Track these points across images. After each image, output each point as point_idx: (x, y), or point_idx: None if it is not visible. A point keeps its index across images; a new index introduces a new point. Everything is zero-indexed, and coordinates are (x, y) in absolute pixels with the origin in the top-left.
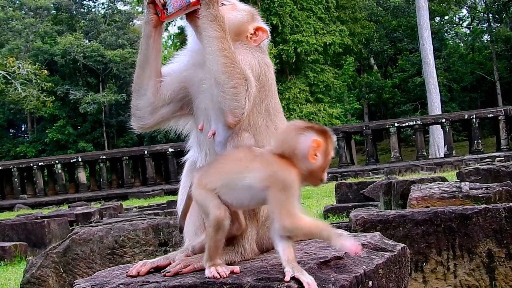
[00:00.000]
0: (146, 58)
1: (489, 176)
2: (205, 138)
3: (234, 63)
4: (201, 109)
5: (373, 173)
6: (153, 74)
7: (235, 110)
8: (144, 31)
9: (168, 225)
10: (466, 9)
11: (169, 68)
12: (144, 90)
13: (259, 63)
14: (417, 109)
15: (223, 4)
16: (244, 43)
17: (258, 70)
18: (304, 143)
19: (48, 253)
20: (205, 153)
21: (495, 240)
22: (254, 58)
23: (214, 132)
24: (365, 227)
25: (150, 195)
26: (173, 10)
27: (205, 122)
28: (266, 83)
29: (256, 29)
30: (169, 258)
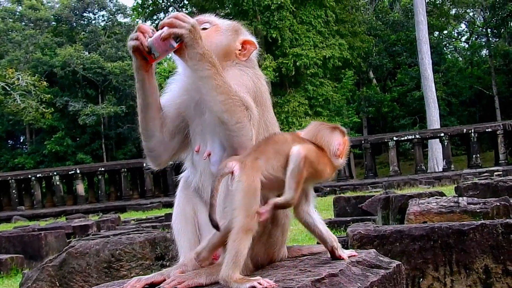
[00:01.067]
0: (146, 102)
1: (487, 191)
2: (200, 159)
3: (232, 97)
4: (198, 131)
5: (371, 187)
6: (156, 114)
7: (244, 144)
8: (137, 77)
9: (165, 239)
10: (465, 23)
11: (164, 99)
12: (152, 132)
13: (253, 80)
14: (416, 123)
15: (205, 28)
16: (235, 62)
17: (254, 88)
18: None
19: (44, 266)
20: (200, 172)
21: (492, 256)
22: (247, 77)
23: (210, 153)
24: (362, 242)
25: (148, 207)
26: (159, 55)
27: (202, 144)
28: (262, 99)
29: (243, 43)
30: (163, 274)
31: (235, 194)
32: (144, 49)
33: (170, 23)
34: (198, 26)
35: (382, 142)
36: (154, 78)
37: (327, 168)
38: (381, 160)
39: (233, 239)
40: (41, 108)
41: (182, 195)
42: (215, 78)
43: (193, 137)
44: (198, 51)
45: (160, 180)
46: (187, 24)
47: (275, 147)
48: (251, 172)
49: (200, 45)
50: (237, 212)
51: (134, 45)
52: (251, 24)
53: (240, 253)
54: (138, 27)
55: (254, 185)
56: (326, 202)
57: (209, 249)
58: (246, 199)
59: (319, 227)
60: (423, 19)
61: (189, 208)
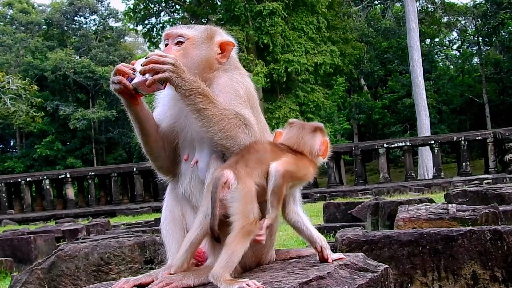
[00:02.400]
0: (144, 130)
1: (477, 198)
2: (188, 167)
3: (230, 121)
4: (188, 140)
5: (361, 194)
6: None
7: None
8: (129, 112)
9: (154, 242)
10: (457, 32)
11: (157, 113)
12: (157, 153)
13: (243, 83)
14: (407, 130)
15: (180, 42)
16: (221, 70)
17: (245, 91)
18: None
19: (33, 269)
20: (189, 179)
21: (480, 262)
22: (237, 83)
23: (197, 161)
24: (351, 247)
25: (138, 212)
26: (147, 93)
27: (190, 153)
28: (253, 100)
29: (221, 45)
30: (152, 275)
31: (234, 201)
32: (130, 91)
33: (151, 69)
34: (178, 61)
35: (372, 149)
36: (145, 106)
37: (309, 170)
38: (372, 167)
39: (231, 241)
40: (32, 112)
41: (170, 198)
42: (208, 108)
43: (182, 146)
44: (186, 87)
45: (150, 185)
46: (168, 66)
47: (257, 156)
48: (246, 179)
49: (185, 80)
50: (237, 217)
51: (117, 89)
52: (243, 29)
53: (235, 255)
54: (116, 69)
55: (252, 191)
56: (316, 208)
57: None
58: (246, 205)
59: (307, 227)
60: (415, 26)
61: (178, 210)
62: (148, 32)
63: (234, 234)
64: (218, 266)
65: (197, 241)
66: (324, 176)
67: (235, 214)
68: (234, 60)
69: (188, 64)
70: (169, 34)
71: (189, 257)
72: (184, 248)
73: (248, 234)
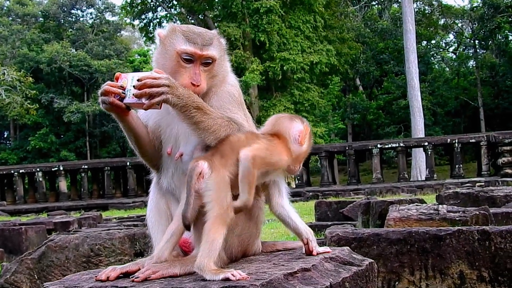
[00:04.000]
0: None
1: (468, 200)
2: (172, 160)
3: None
4: (173, 135)
5: (354, 193)
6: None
7: None
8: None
9: (145, 235)
10: (453, 34)
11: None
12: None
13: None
14: (401, 131)
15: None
16: None
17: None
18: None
19: (23, 259)
20: (172, 173)
21: (467, 262)
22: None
23: (182, 154)
24: (340, 244)
25: (131, 206)
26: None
27: (174, 147)
28: (240, 98)
29: None
30: (138, 264)
31: (208, 189)
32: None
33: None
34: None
35: (366, 149)
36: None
37: (281, 157)
38: (365, 167)
39: (209, 229)
40: (26, 104)
41: (156, 190)
42: (203, 120)
43: (164, 140)
44: (181, 104)
45: (143, 179)
46: (164, 88)
47: (230, 145)
48: (219, 168)
49: (181, 97)
50: (212, 205)
51: (108, 108)
52: (240, 27)
53: (215, 243)
54: (104, 90)
55: (225, 180)
56: (308, 206)
57: (169, 250)
58: (219, 193)
59: (293, 219)
60: (412, 28)
61: (163, 202)
62: (144, 26)
63: (210, 222)
64: (201, 257)
65: (178, 232)
66: (317, 175)
67: (210, 202)
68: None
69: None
70: (197, 54)
71: (170, 247)
72: (166, 238)
73: (223, 221)
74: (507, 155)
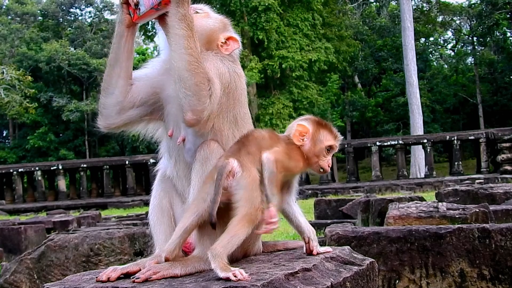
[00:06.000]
0: (117, 57)
1: (468, 197)
2: (175, 145)
3: (198, 63)
4: (172, 114)
5: (353, 191)
6: (123, 73)
7: (195, 108)
8: (117, 30)
9: (144, 234)
10: (451, 31)
11: (142, 72)
12: (113, 89)
13: (229, 71)
14: (400, 128)
15: (197, 12)
16: (215, 52)
17: (228, 78)
18: (293, 127)
19: (23, 258)
20: (175, 160)
21: (468, 260)
22: (224, 66)
23: (184, 138)
24: (340, 243)
25: (130, 205)
26: (145, 10)
27: (175, 128)
28: (236, 92)
29: (228, 38)
30: (139, 264)
31: (240, 189)
32: (133, 1)
33: None
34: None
35: (365, 146)
36: (132, 40)
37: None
38: (364, 164)
39: (235, 224)
40: (25, 103)
41: (159, 188)
42: (188, 40)
43: (167, 120)
44: (181, 11)
45: (142, 178)
46: None
47: (255, 143)
48: (250, 166)
49: (185, 6)
50: (242, 203)
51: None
52: (238, 25)
53: (237, 238)
54: None
55: (257, 179)
56: (307, 204)
57: (180, 245)
58: (251, 192)
59: (297, 218)
60: (410, 25)
61: (166, 201)
62: (143, 25)
63: (238, 218)
64: (219, 245)
65: (191, 227)
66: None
67: (241, 200)
68: (235, 60)
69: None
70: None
71: (181, 242)
72: (178, 233)
73: (252, 221)
74: (506, 151)
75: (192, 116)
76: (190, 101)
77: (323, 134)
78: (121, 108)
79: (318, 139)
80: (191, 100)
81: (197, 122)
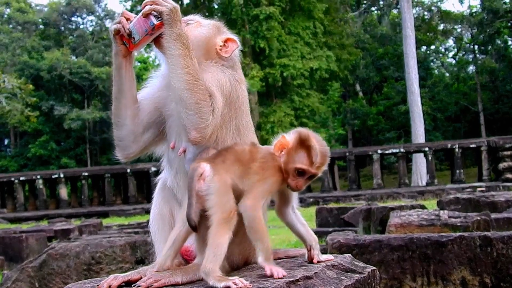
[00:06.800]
0: (120, 89)
1: (469, 205)
2: (176, 156)
3: (197, 80)
4: (174, 127)
5: (355, 199)
6: (130, 103)
7: (198, 126)
8: (115, 62)
9: (146, 242)
10: (453, 39)
11: (144, 92)
12: (123, 120)
13: (230, 80)
14: (401, 136)
15: (188, 24)
16: (214, 61)
17: (229, 87)
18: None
19: (24, 267)
20: (176, 170)
21: (469, 268)
22: (224, 75)
23: (185, 150)
24: (341, 251)
25: (131, 213)
26: (140, 37)
27: (177, 141)
28: (238, 101)
29: (226, 40)
30: (140, 272)
31: (210, 193)
32: (125, 32)
33: (152, 1)
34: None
35: (366, 154)
36: (131, 68)
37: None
38: (365, 173)
39: (213, 234)
40: (27, 111)
41: (159, 197)
42: (184, 58)
43: (169, 133)
44: (175, 31)
45: (144, 186)
46: (169, 4)
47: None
48: (222, 172)
49: (178, 26)
50: (215, 209)
51: (116, 28)
52: (239, 33)
53: (220, 246)
54: (122, 12)
55: (227, 184)
56: (308, 212)
57: (172, 257)
58: (221, 197)
59: (298, 226)
60: (411, 33)
61: (167, 209)
62: None
63: (214, 227)
64: (206, 261)
65: (181, 238)
66: (318, 181)
67: (212, 206)
68: (234, 63)
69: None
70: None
71: (172, 254)
72: (168, 245)
73: (227, 226)
74: (508, 160)
75: (197, 135)
76: (192, 120)
77: (299, 155)
78: (135, 136)
79: (292, 158)
80: (193, 119)
81: (202, 139)
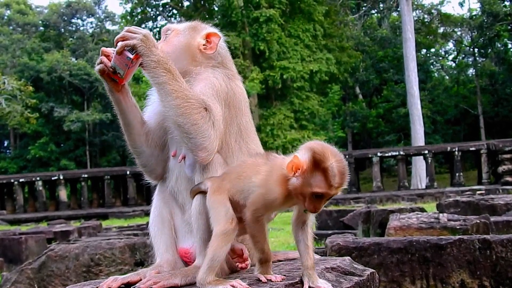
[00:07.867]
0: (126, 121)
1: (469, 208)
2: (176, 163)
3: (188, 100)
4: (174, 137)
5: (354, 202)
6: (139, 130)
7: (202, 145)
8: (112, 99)
9: (145, 244)
10: (452, 42)
11: (148, 111)
12: (140, 148)
13: (224, 80)
14: (401, 139)
15: (167, 35)
16: (204, 65)
17: (225, 88)
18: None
19: (23, 269)
20: (176, 177)
21: (469, 271)
22: (217, 78)
23: (184, 156)
24: (341, 253)
25: (131, 215)
26: (124, 72)
27: (178, 149)
28: (235, 101)
29: (207, 37)
30: (140, 274)
31: (209, 209)
32: (109, 70)
33: (122, 37)
34: (151, 35)
35: (366, 157)
36: (129, 97)
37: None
38: (365, 175)
39: (211, 245)
40: (26, 113)
41: (159, 198)
42: (169, 83)
43: (170, 143)
44: (152, 59)
45: (143, 188)
46: (138, 35)
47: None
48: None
49: (154, 52)
50: (214, 224)
51: (100, 69)
52: (239, 35)
53: (217, 257)
54: (101, 50)
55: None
56: None
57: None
58: (218, 210)
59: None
60: (411, 36)
61: (166, 211)
62: None
63: (213, 239)
64: (202, 272)
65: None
66: None
67: (212, 222)
68: (224, 58)
69: (170, 53)
70: (162, 31)
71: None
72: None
73: (225, 238)
74: (508, 163)
75: (204, 154)
76: (195, 142)
77: (315, 178)
78: (155, 158)
79: (308, 181)
80: (195, 141)
81: (210, 155)
